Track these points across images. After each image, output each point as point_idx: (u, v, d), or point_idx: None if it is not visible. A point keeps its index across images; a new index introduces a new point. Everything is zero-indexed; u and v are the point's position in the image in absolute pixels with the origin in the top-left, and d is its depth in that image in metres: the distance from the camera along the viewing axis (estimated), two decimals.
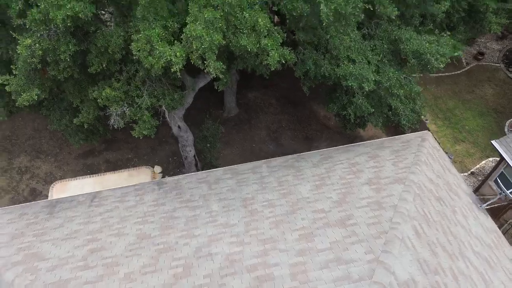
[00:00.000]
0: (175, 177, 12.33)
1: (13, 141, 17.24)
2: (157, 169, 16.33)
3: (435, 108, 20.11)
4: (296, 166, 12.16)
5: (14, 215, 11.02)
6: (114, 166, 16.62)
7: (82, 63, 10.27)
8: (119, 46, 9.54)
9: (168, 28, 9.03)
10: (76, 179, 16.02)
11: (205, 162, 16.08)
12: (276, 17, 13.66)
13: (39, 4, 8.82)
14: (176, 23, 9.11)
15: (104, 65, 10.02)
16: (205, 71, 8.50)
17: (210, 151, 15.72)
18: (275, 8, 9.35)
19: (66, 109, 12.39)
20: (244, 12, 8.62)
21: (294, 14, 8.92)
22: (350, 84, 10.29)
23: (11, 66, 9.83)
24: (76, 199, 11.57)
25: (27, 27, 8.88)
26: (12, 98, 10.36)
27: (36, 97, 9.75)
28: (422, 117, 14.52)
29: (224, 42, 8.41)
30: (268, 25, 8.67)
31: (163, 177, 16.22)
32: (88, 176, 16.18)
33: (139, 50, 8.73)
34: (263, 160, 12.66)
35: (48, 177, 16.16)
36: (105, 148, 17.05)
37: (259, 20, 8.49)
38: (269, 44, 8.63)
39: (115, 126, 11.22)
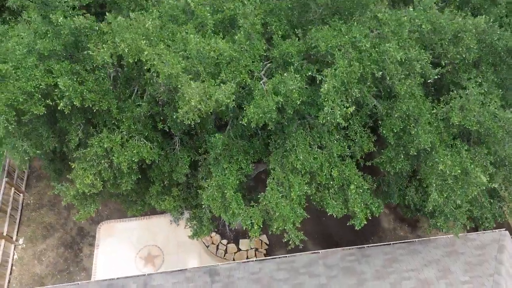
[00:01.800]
0: (227, 266, 11.85)
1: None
2: None
3: None
4: (357, 271, 11.38)
5: None
6: None
7: (142, 176, 9.40)
8: (183, 173, 8.56)
9: (242, 170, 7.92)
10: (122, 221, 15.85)
11: None
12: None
13: (99, 133, 7.84)
14: (251, 163, 7.97)
15: (165, 183, 9.15)
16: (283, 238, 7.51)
17: None
18: (367, 164, 7.98)
19: None
20: (333, 170, 7.36)
21: (392, 172, 7.59)
22: (438, 225, 9.03)
23: (68, 176, 9.06)
24: (127, 285, 11.38)
25: (87, 159, 7.96)
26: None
27: (93, 213, 9.14)
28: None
29: (307, 215, 7.29)
30: (360, 189, 7.42)
31: None
32: (134, 218, 15.95)
33: (208, 199, 7.75)
34: (319, 253, 11.92)
35: (95, 215, 15.99)
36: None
37: (351, 187, 7.24)
38: (357, 210, 7.44)
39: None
